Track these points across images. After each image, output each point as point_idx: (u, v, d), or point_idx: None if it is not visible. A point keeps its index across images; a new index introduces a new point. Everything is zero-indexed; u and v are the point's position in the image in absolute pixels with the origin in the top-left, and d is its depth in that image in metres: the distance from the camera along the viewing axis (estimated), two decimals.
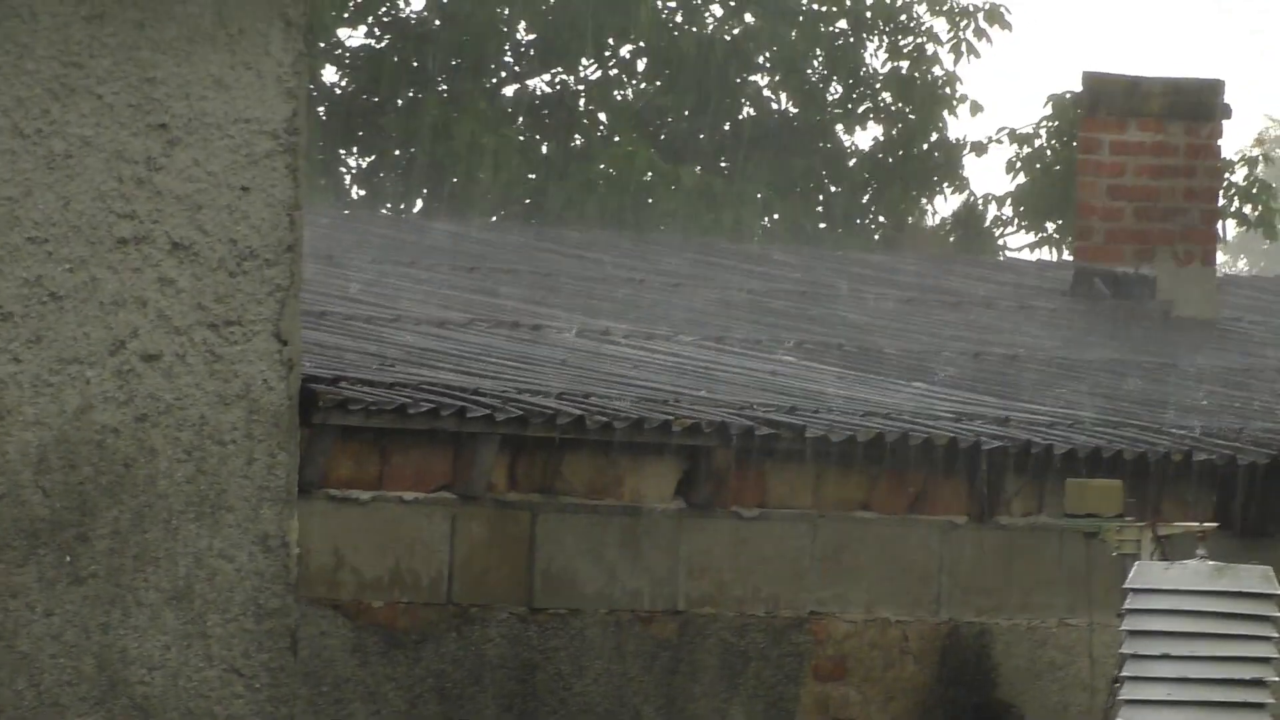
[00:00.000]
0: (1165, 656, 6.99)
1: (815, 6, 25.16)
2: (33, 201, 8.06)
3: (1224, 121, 16.30)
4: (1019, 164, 24.34)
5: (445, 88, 24.63)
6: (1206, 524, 8.57)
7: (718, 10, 25.12)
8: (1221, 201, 19.73)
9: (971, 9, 26.18)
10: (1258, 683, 7.00)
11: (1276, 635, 7.16)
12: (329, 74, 24.34)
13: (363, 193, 24.53)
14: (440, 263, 13.87)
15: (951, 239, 24.43)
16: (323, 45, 23.83)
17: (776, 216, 24.39)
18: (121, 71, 8.19)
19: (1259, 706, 7.07)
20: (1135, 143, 15.80)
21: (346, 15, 23.70)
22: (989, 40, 26.32)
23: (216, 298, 7.92)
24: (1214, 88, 16.23)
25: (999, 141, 25.33)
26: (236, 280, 8.05)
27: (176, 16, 8.22)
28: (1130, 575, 7.31)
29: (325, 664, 8.21)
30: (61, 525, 7.67)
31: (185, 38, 8.23)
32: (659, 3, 25.25)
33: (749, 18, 24.62)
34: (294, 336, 8.08)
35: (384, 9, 24.08)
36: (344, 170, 24.78)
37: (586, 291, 14.19)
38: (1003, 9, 26.53)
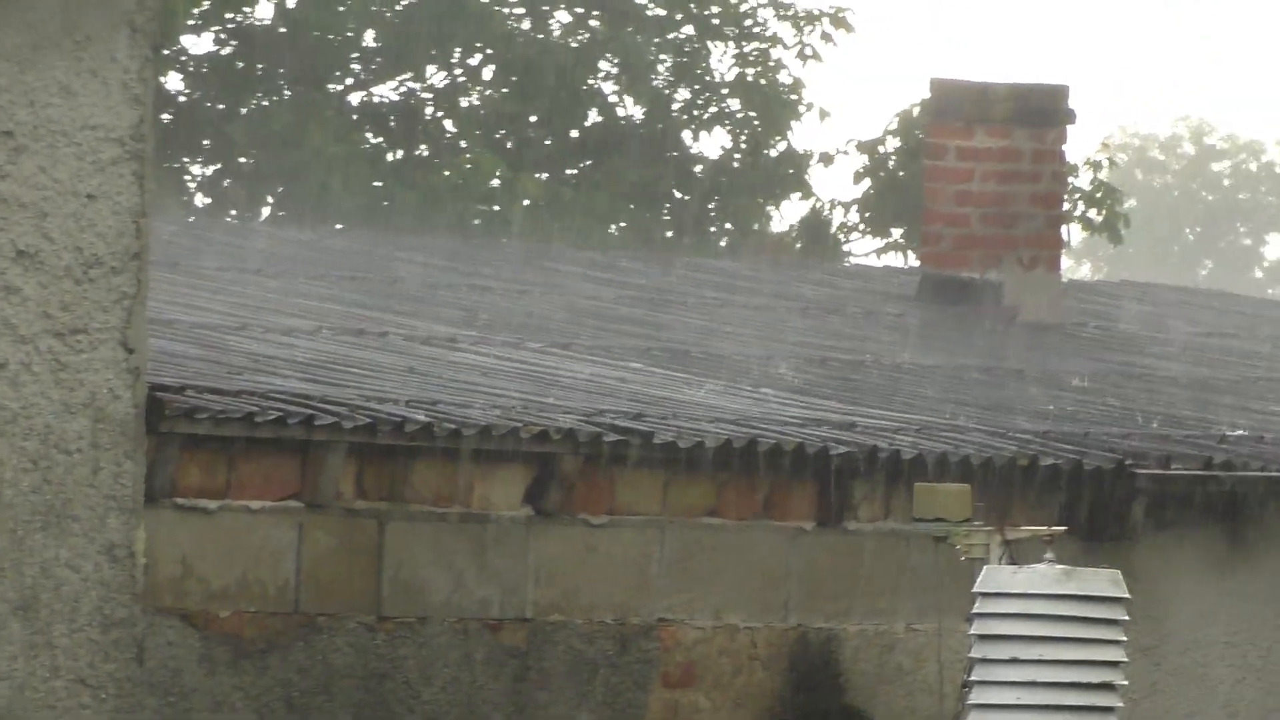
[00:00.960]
0: (1014, 660, 7.03)
1: (660, 12, 24.75)
2: None
3: (1068, 127, 16.61)
4: (866, 172, 24.31)
5: (292, 95, 24.02)
6: (1054, 528, 8.69)
7: (564, 17, 24.47)
8: (1067, 206, 19.96)
9: (816, 13, 26.14)
10: (1106, 686, 7.12)
11: (1124, 639, 7.27)
12: (173, 81, 24.03)
13: (208, 200, 24.42)
14: (287, 270, 13.88)
15: (798, 246, 24.29)
16: (167, 52, 22.72)
17: (624, 224, 24.18)
18: None
19: (1107, 710, 7.16)
20: (981, 149, 16.04)
21: (191, 22, 23.22)
22: (834, 44, 26.34)
23: (62, 306, 7.94)
24: (1059, 93, 16.59)
25: (845, 152, 25.31)
26: (82, 288, 8.05)
27: (20, 23, 8.28)
28: (978, 580, 7.30)
29: (172, 674, 8.11)
30: None
31: (30, 45, 8.29)
32: (505, 10, 24.42)
33: (594, 24, 24.19)
34: (140, 344, 8.04)
35: (230, 16, 23.77)
36: (188, 178, 24.61)
37: (434, 299, 14.29)
38: (847, 13, 26.68)
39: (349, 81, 24.67)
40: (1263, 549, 11.65)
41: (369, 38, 24.64)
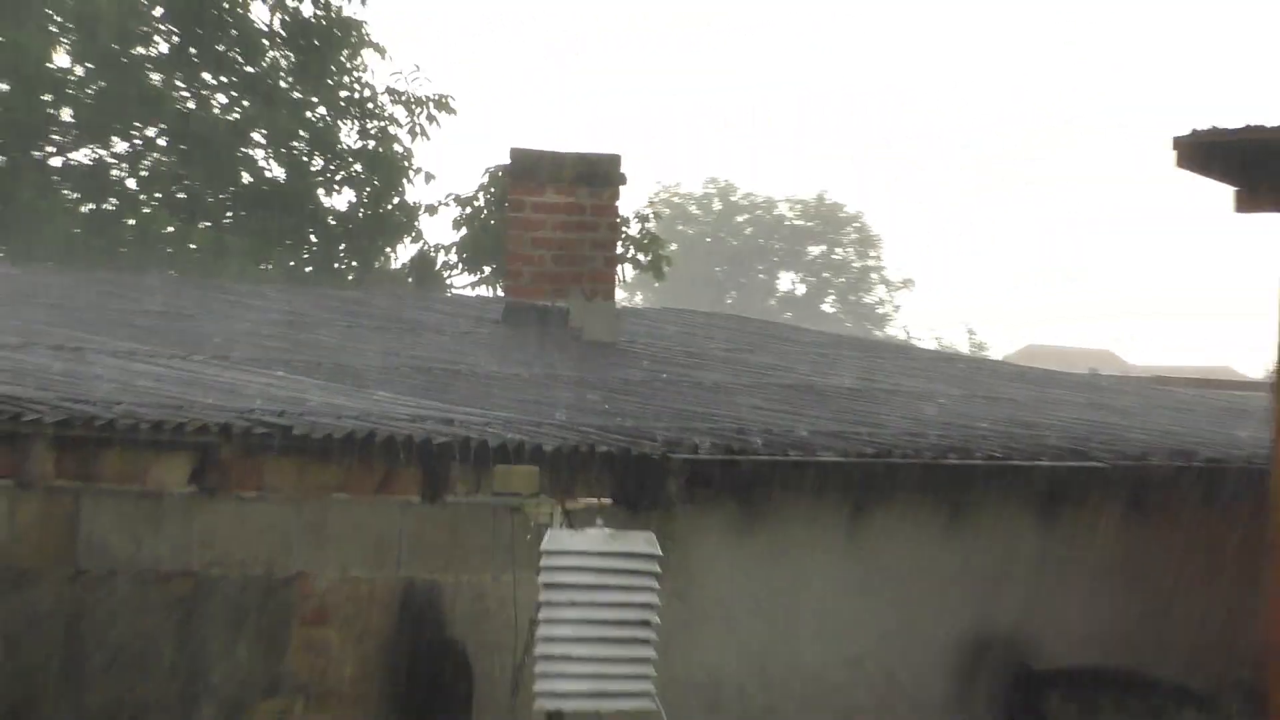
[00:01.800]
0: (572, 603, 8.78)
1: (299, 95, 28.76)
2: None
3: (621, 187, 18.83)
4: (462, 221, 28.76)
5: (6, 160, 26.08)
6: (603, 500, 10.68)
7: (222, 98, 28.34)
8: (620, 250, 23.20)
9: (424, 99, 30.36)
10: (644, 623, 8.95)
11: (658, 586, 9.08)
12: None
13: None
14: (3, 301, 15.33)
15: (410, 280, 28.87)
16: None
17: (272, 264, 27.65)
18: None
19: (645, 641, 8.95)
20: (552, 203, 18.58)
21: None
22: (438, 124, 30.56)
23: None
24: (614, 160, 18.82)
25: (447, 205, 29.70)
26: None
27: None
28: (544, 540, 9.08)
29: None
30: None
31: None
32: (175, 92, 27.52)
33: (247, 104, 28.25)
34: None
35: None
36: None
37: (120, 321, 15.73)
38: (449, 99, 30.85)
39: (50, 149, 27.17)
40: (771, 518, 12.92)
41: (67, 114, 27.09)
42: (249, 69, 28.15)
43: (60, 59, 27.49)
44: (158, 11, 27.69)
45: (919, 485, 13.37)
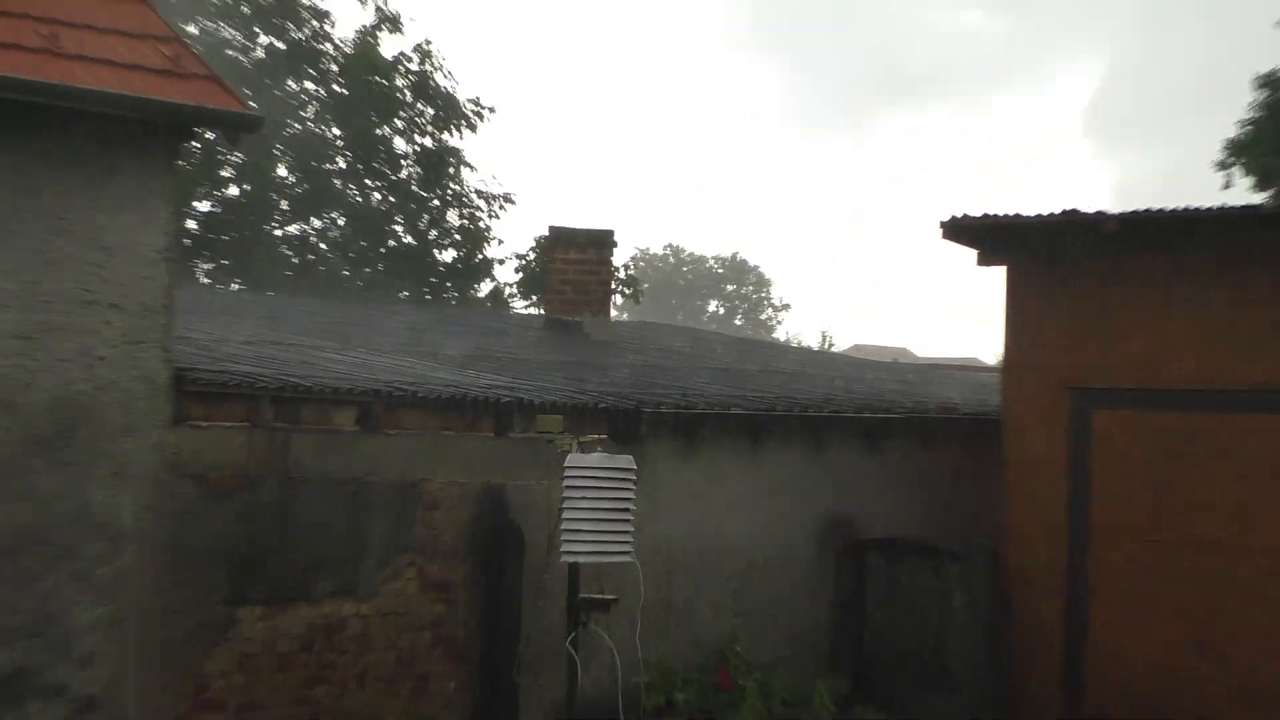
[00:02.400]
0: (584, 499, 10.78)
1: (423, 193, 35.12)
2: None
3: (614, 248, 23.67)
4: (520, 268, 35.05)
5: (249, 231, 31.81)
6: (601, 436, 13.33)
7: (377, 196, 34.67)
8: (613, 285, 27.19)
9: (497, 195, 36.16)
10: (625, 510, 10.88)
11: (634, 489, 11.04)
12: None
13: None
14: None
15: (488, 304, 35.25)
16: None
17: (405, 294, 34.77)
18: None
19: (626, 520, 10.87)
20: (572, 259, 23.32)
21: None
22: (504, 208, 35.78)
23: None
24: (609, 233, 23.38)
25: (511, 260, 35.58)
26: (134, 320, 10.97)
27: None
28: (566, 460, 11.00)
29: None
30: None
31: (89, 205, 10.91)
32: (350, 191, 33.96)
33: (393, 200, 35.10)
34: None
35: None
36: None
37: (313, 327, 18.52)
38: (512, 195, 36.23)
39: (274, 224, 33.54)
40: (704, 447, 15.57)
41: (284, 204, 32.99)
42: (394, 177, 34.18)
43: (280, 170, 33.23)
44: (339, 139, 33.94)
45: (792, 427, 15.96)
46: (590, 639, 11.08)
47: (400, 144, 33.18)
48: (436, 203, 34.00)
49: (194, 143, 24.35)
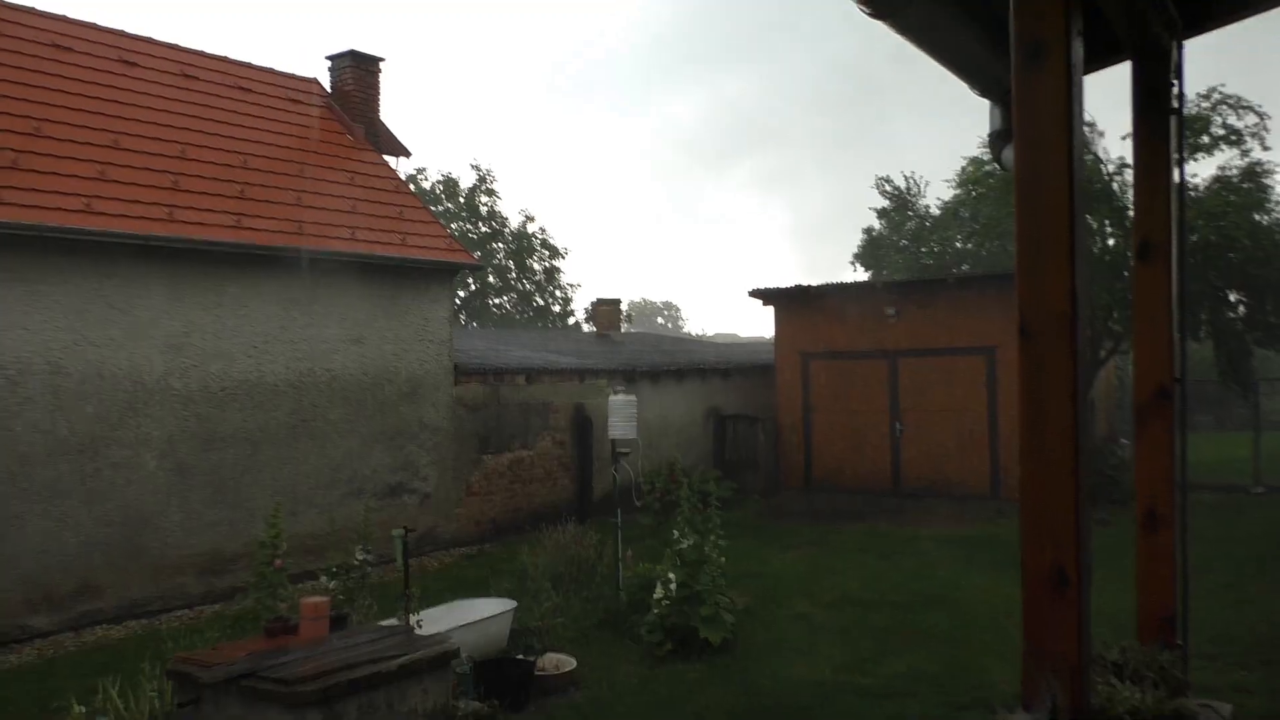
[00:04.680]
0: (616, 412, 9.35)
1: (515, 272, 35.26)
2: None
3: (620, 304, 23.12)
4: (587, 315, 34.95)
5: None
6: (619, 385, 11.61)
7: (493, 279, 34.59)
8: (622, 319, 25.07)
9: (572, 284, 39.60)
10: (632, 415, 9.41)
11: (635, 407, 9.49)
12: None
13: None
14: None
15: (575, 330, 33.14)
16: None
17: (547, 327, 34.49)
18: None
19: (632, 421, 9.38)
20: (604, 310, 23.53)
21: None
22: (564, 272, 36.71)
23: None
24: (617, 301, 23.13)
25: (583, 311, 36.17)
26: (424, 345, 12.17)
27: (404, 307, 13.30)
28: (610, 396, 9.63)
29: None
30: None
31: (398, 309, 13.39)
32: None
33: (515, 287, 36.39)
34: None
35: None
36: None
37: (514, 342, 18.64)
38: (578, 284, 40.90)
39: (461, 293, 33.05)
40: (661, 384, 16.15)
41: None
42: (532, 280, 34.90)
43: (490, 278, 34.93)
44: (511, 265, 35.22)
45: (692, 372, 17.22)
46: (621, 466, 9.78)
47: (535, 264, 35.01)
48: (551, 287, 35.60)
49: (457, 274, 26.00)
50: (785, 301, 17.76)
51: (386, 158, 14.83)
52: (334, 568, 7.59)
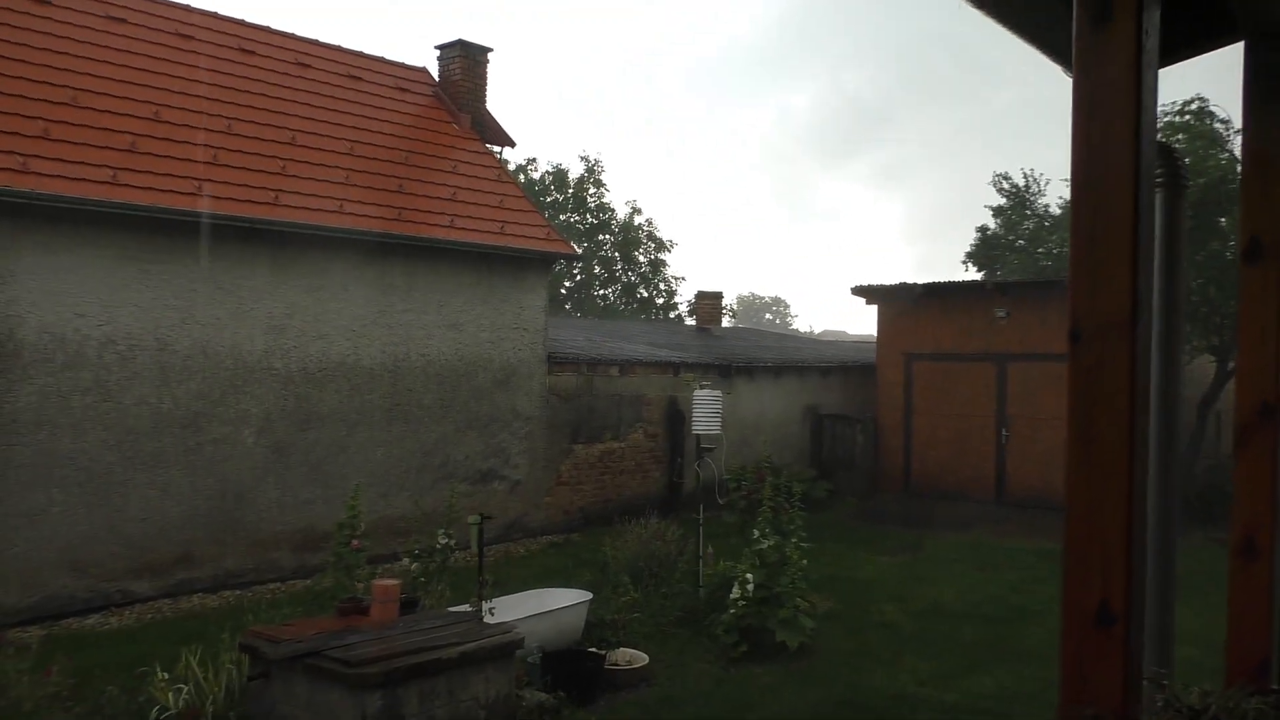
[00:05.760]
0: (702, 405, 9.48)
1: (622, 265, 34.44)
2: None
3: (722, 297, 22.33)
4: (690, 309, 33.24)
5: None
6: (707, 382, 13.37)
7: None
8: (723, 311, 24.86)
9: (676, 277, 37.59)
10: (717, 410, 9.45)
11: (721, 404, 9.56)
12: None
13: None
14: None
15: (678, 322, 32.60)
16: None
17: (642, 320, 33.09)
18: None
19: (718, 417, 9.41)
20: (708, 303, 22.94)
21: None
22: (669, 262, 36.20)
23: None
24: (720, 294, 22.44)
25: (687, 304, 34.78)
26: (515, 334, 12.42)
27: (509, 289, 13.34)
28: (696, 390, 9.67)
29: None
30: None
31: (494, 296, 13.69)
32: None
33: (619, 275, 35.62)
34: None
35: None
36: None
37: (601, 330, 18.81)
38: (683, 277, 37.15)
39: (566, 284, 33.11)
40: (757, 379, 15.92)
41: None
42: (638, 272, 34.28)
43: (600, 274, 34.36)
44: (623, 261, 34.77)
45: (791, 369, 16.96)
46: (705, 462, 9.97)
47: (641, 257, 34.29)
48: (656, 280, 35.00)
49: (557, 264, 25.93)
50: (889, 299, 17.55)
51: (492, 147, 15.04)
52: (416, 549, 7.56)
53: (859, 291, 17.70)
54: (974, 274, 31.06)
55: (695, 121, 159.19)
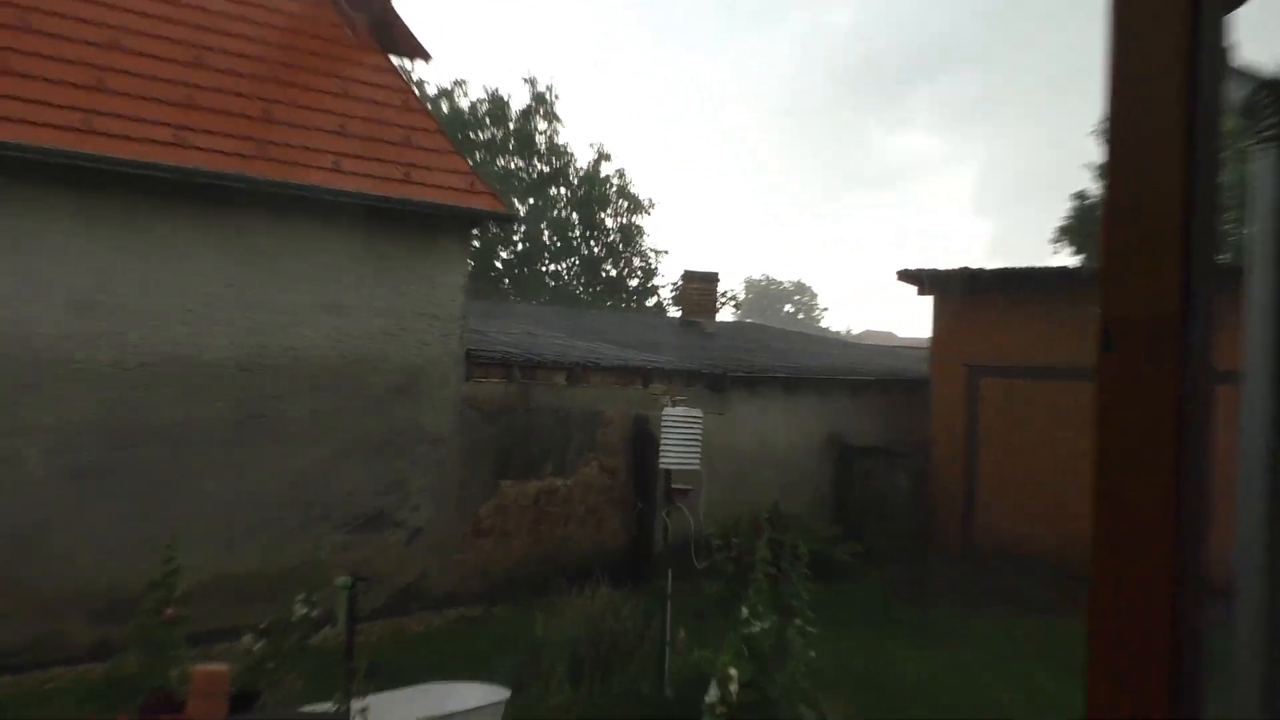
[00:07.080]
0: (673, 428, 9.52)
1: (615, 255, 38.97)
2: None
3: (718, 281, 23.71)
4: (672, 295, 37.90)
5: (528, 270, 37.12)
6: (681, 397, 13.18)
7: (586, 252, 37.94)
8: (719, 301, 28.09)
9: (656, 249, 40.72)
10: (696, 437, 9.73)
11: (701, 428, 9.80)
12: None
13: None
14: None
15: (654, 311, 37.54)
16: None
17: (608, 306, 37.76)
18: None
19: (697, 442, 9.72)
20: (696, 286, 23.81)
21: None
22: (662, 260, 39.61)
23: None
24: (715, 274, 23.68)
25: (665, 288, 38.84)
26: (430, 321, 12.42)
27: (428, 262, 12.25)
28: (666, 408, 9.98)
29: None
30: None
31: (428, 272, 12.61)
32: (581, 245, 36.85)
33: (601, 257, 39.84)
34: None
35: None
36: None
37: (554, 324, 19.18)
38: (665, 250, 39.26)
39: (543, 265, 37.74)
40: (760, 393, 16.24)
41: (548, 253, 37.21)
42: (606, 240, 37.33)
43: (545, 236, 37.04)
44: (576, 220, 37.78)
45: (807, 383, 17.09)
46: (677, 509, 10.19)
47: (609, 221, 37.64)
48: (628, 253, 37.59)
49: (484, 226, 29.02)
50: (947, 290, 17.73)
51: (400, 62, 14.94)
52: (264, 623, 7.46)
53: (907, 278, 17.94)
54: (1068, 258, 31.03)
55: (696, 48, 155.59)
